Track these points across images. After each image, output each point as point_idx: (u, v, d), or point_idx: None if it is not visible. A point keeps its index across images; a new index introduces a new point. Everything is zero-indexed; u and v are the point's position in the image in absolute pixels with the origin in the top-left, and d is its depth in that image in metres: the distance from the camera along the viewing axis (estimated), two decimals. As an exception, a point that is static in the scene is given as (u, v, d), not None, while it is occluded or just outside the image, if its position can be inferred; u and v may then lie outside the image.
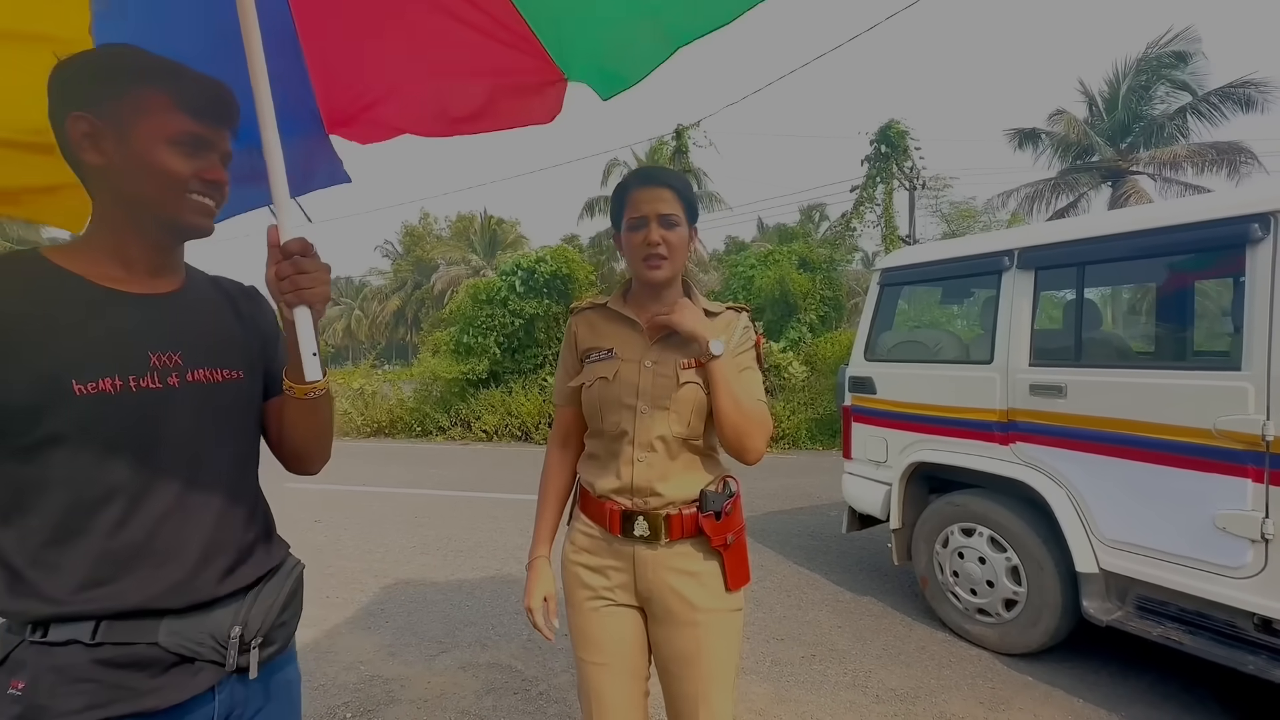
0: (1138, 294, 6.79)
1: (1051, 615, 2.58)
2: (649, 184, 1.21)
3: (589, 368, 1.28)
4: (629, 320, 1.28)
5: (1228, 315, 2.93)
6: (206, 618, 0.81)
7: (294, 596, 0.94)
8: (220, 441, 0.86)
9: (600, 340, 1.29)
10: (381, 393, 12.77)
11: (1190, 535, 2.16)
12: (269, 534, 0.95)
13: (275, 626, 0.89)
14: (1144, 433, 2.28)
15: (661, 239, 1.19)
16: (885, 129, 13.12)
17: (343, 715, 2.39)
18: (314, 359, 0.86)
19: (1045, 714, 2.32)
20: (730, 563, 1.24)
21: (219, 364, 0.87)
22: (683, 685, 1.23)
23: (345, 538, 4.78)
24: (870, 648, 2.86)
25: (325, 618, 3.27)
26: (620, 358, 1.25)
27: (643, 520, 1.21)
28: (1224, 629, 2.14)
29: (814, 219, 22.71)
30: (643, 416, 1.21)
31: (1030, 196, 17.45)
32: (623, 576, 1.25)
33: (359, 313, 41.51)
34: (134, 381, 0.77)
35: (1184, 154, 15.22)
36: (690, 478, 1.24)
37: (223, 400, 0.86)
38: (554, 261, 11.25)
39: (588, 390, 1.26)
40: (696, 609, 1.22)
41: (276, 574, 0.93)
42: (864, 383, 3.47)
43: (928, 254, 3.37)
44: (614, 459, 1.24)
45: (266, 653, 0.87)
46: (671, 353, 1.24)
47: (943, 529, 2.99)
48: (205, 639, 0.80)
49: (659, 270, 1.21)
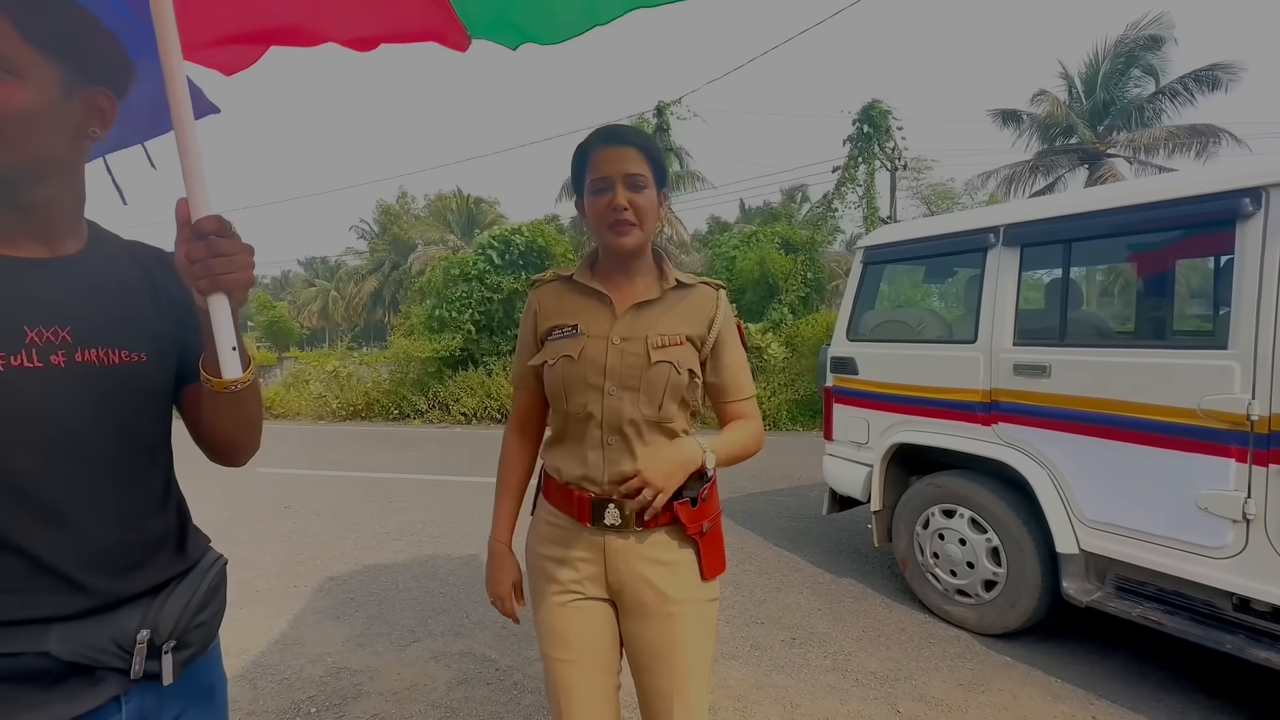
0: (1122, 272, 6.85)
1: (1031, 596, 2.57)
2: (612, 143, 1.10)
3: (551, 345, 1.17)
4: (596, 293, 1.18)
5: (1214, 293, 2.90)
6: (107, 621, 0.72)
7: (213, 594, 0.84)
8: (113, 430, 0.75)
9: (564, 316, 1.18)
10: (357, 375, 12.52)
11: (1171, 516, 2.14)
12: (183, 531, 0.85)
13: (190, 628, 0.79)
14: (1128, 413, 2.25)
15: (629, 202, 1.08)
16: (868, 109, 12.99)
17: (308, 710, 2.29)
18: (233, 354, 0.73)
19: (1024, 694, 2.31)
20: (706, 551, 1.16)
21: (117, 344, 0.75)
22: (657, 680, 1.16)
23: (316, 524, 4.64)
24: (850, 630, 2.84)
25: (292, 607, 3.15)
26: (586, 334, 1.15)
27: (613, 508, 1.12)
28: (1202, 609, 2.14)
29: (796, 200, 22.62)
30: (610, 398, 1.12)
31: (1009, 178, 17.57)
32: (592, 568, 1.16)
33: (335, 294, 40.63)
34: (1, 360, 0.66)
35: (1161, 136, 15.40)
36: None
37: (118, 384, 0.75)
38: (530, 233, 11.04)
39: (550, 369, 1.16)
40: (671, 600, 1.14)
41: (192, 572, 0.83)
42: (846, 363, 3.41)
43: (911, 231, 3.30)
44: (580, 443, 1.15)
45: (181, 656, 0.78)
46: (641, 327, 1.14)
47: (923, 510, 2.97)
48: (107, 644, 0.71)
49: (627, 236, 1.10)
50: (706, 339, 1.17)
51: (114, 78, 0.77)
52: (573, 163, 1.17)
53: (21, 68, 0.67)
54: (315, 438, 9.34)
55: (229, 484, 5.59)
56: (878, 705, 2.27)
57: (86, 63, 0.73)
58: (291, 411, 12.05)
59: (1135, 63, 15.92)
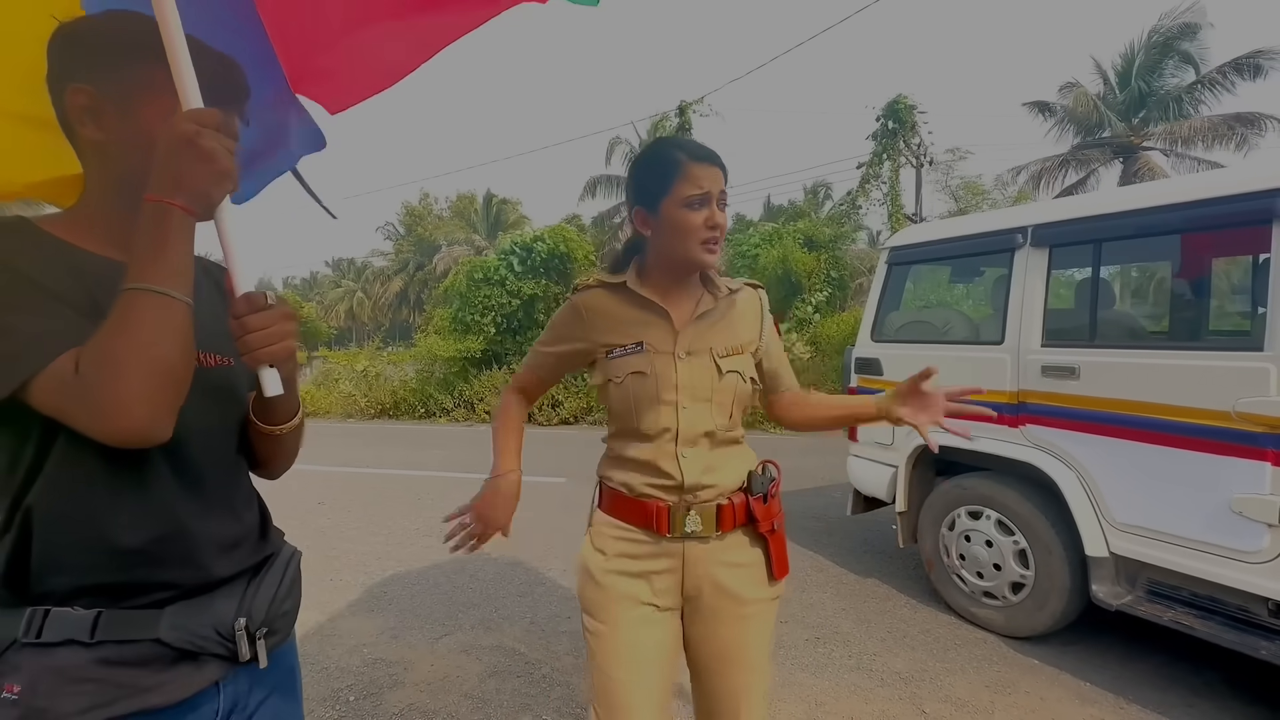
0: (1154, 272, 6.69)
1: (1059, 599, 2.55)
2: (709, 160, 1.09)
3: (613, 363, 1.16)
4: (653, 305, 1.16)
5: (1248, 293, 2.84)
6: (208, 609, 0.79)
7: (294, 584, 0.92)
8: (214, 426, 0.83)
9: (621, 330, 1.17)
10: (385, 374, 12.77)
11: (1205, 519, 2.12)
12: (264, 520, 0.93)
13: (278, 615, 0.87)
14: (1159, 415, 2.22)
15: (721, 223, 1.11)
16: (893, 104, 12.85)
17: (346, 698, 2.39)
18: (277, 396, 0.78)
19: (1052, 696, 2.30)
20: (775, 550, 1.21)
21: (213, 348, 0.83)
22: (725, 681, 1.19)
23: (348, 520, 4.79)
24: (875, 630, 2.84)
25: (329, 600, 3.27)
26: (652, 350, 1.15)
27: (695, 514, 1.15)
28: (1237, 614, 2.11)
29: (818, 197, 22.41)
30: (685, 411, 1.14)
31: (1039, 173, 17.18)
32: (670, 578, 1.17)
33: (361, 294, 41.43)
34: None
35: (1200, 127, 14.91)
36: (735, 464, 1.20)
37: (212, 384, 0.82)
38: (552, 240, 11.13)
39: (618, 387, 1.15)
40: (745, 602, 1.18)
41: (275, 561, 0.91)
42: (870, 364, 3.41)
43: (937, 232, 3.28)
44: (654, 456, 1.15)
45: (270, 642, 0.85)
46: (705, 340, 1.17)
47: (949, 512, 2.96)
48: (209, 632, 0.78)
49: (717, 255, 1.12)
50: (760, 343, 1.23)
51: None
52: (652, 168, 1.12)
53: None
54: (345, 435, 9.56)
55: (264, 480, 5.77)
56: (903, 705, 2.28)
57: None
58: (321, 410, 12.35)
59: (1171, 51, 15.45)
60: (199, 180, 0.66)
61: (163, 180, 0.66)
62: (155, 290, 0.65)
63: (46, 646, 0.69)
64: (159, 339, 0.65)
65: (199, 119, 0.66)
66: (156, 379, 0.65)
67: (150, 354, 0.64)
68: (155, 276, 0.65)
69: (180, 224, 0.66)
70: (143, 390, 0.64)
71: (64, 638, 0.69)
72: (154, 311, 0.65)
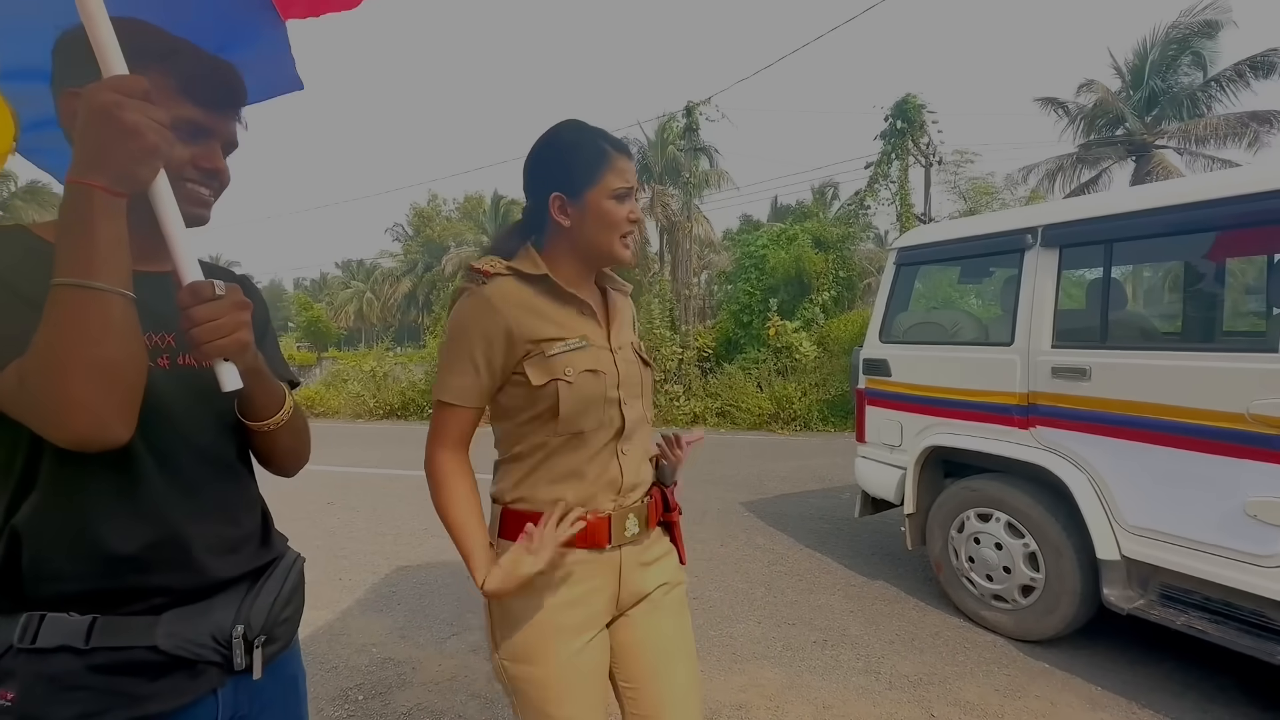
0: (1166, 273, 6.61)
1: (1070, 602, 2.52)
2: (628, 154, 1.08)
3: (556, 360, 1.02)
4: (574, 299, 1.07)
5: (1263, 294, 2.81)
6: (206, 616, 0.78)
7: (295, 591, 0.91)
8: (210, 428, 0.83)
9: (553, 324, 1.04)
10: (393, 375, 12.85)
11: (1218, 522, 2.09)
12: (266, 525, 0.93)
13: (278, 623, 0.86)
14: (1172, 417, 2.19)
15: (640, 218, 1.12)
16: (901, 103, 12.76)
17: (355, 697, 2.40)
18: (272, 392, 0.81)
19: (1062, 701, 2.28)
20: (679, 534, 1.25)
21: None
22: (671, 680, 1.14)
23: (357, 520, 4.82)
24: (883, 633, 2.83)
25: (338, 600, 3.29)
26: (594, 345, 1.07)
27: (633, 517, 1.11)
28: (1251, 619, 2.08)
29: (826, 197, 22.31)
30: (627, 408, 1.10)
31: (1051, 172, 17.02)
32: (606, 593, 1.09)
33: (370, 295, 41.67)
34: None
35: (1215, 125, 14.72)
36: (646, 458, 1.20)
37: (202, 386, 0.82)
38: None
39: (570, 387, 1.01)
40: (674, 585, 1.21)
41: (276, 567, 0.90)
42: (878, 365, 3.39)
43: (945, 232, 3.27)
44: (592, 461, 1.07)
45: (270, 650, 0.84)
46: (625, 334, 1.17)
47: (958, 514, 2.94)
48: (206, 640, 0.77)
49: (630, 250, 1.10)
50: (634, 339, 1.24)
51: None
52: (575, 156, 1.05)
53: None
54: (354, 436, 9.63)
55: (273, 480, 5.79)
56: (911, 708, 2.27)
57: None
58: (331, 410, 12.44)
59: (1187, 49, 15.25)
60: (122, 158, 0.59)
61: (81, 159, 0.58)
62: (82, 285, 0.58)
63: (41, 653, 0.68)
64: (96, 338, 0.59)
65: (120, 87, 0.59)
66: (97, 380, 0.60)
67: (88, 354, 0.59)
68: (81, 269, 0.58)
69: (105, 207, 0.59)
70: (85, 393, 0.59)
71: (59, 643, 0.68)
72: (83, 309, 0.58)
